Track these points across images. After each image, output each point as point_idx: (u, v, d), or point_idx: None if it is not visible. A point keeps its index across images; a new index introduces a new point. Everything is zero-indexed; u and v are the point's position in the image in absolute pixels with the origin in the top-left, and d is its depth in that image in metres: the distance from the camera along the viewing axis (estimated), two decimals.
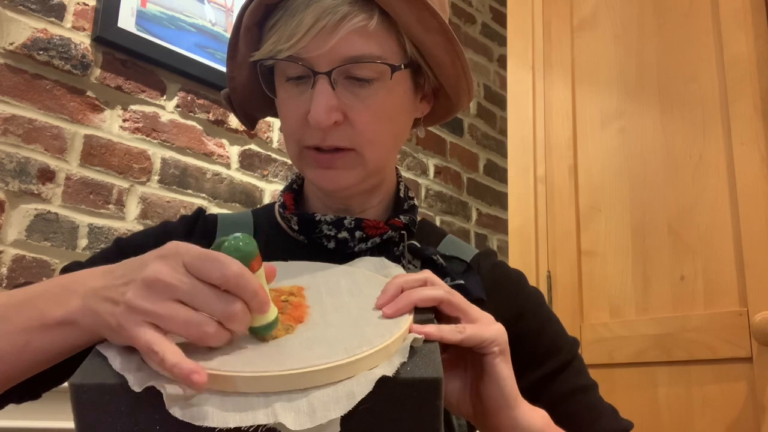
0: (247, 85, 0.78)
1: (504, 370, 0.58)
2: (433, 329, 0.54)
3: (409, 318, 0.54)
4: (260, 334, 0.50)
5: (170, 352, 0.45)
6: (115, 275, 0.51)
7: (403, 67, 0.72)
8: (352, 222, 0.76)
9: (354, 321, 0.53)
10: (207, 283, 0.47)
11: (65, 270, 0.76)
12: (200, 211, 0.84)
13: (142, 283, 0.47)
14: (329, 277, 0.62)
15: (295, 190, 0.83)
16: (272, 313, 0.50)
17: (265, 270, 0.51)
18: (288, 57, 0.69)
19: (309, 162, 0.74)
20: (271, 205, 0.87)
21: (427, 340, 0.53)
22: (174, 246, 0.49)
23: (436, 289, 0.58)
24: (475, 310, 0.59)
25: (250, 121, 0.84)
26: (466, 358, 0.61)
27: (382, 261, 0.66)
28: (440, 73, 0.76)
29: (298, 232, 0.78)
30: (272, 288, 0.58)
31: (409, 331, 0.53)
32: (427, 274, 0.60)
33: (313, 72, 0.69)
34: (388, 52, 0.70)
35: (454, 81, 0.77)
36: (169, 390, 0.44)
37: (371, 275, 0.63)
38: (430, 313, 0.57)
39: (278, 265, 0.64)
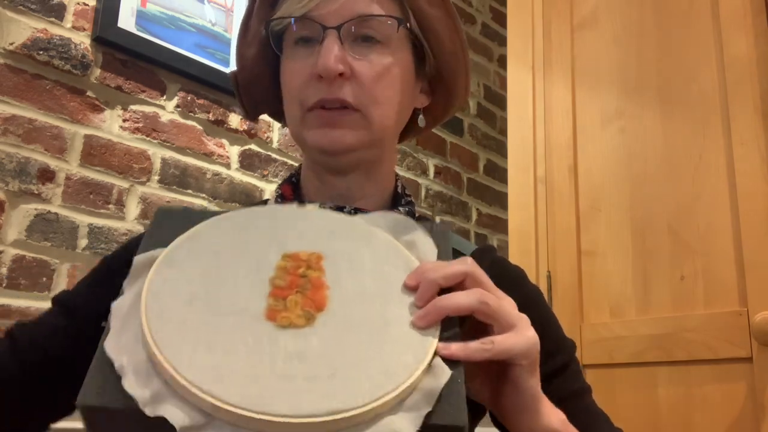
0: (255, 64, 0.79)
1: (527, 381, 0.56)
2: (458, 349, 0.50)
3: (435, 336, 0.50)
4: None
5: None
6: None
7: (408, 26, 0.74)
8: (351, 211, 0.75)
9: (376, 326, 0.49)
10: None
11: (55, 301, 0.75)
12: None
13: None
14: (349, 243, 0.56)
15: (294, 183, 0.83)
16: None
17: None
18: (300, 17, 0.72)
19: (312, 123, 0.73)
20: (262, 203, 0.86)
21: (451, 361, 0.49)
22: None
23: (469, 295, 0.52)
24: (511, 315, 0.54)
25: (252, 108, 0.84)
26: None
27: (407, 222, 0.60)
28: (439, 51, 0.77)
29: None
30: (287, 254, 0.54)
31: (435, 353, 0.49)
32: (466, 267, 0.54)
33: (323, 27, 0.71)
34: (392, 14, 0.73)
35: (453, 61, 0.78)
36: (180, 421, 0.42)
37: (394, 246, 0.57)
38: (455, 320, 0.53)
39: (292, 214, 0.59)
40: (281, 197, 0.80)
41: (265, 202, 0.87)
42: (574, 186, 1.89)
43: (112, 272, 0.73)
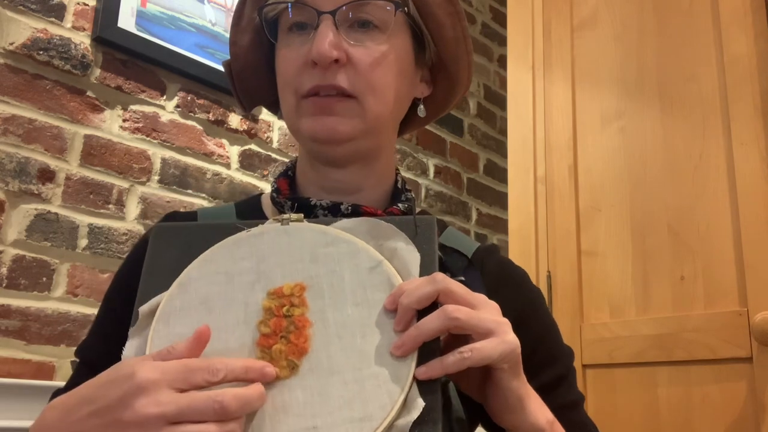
0: (249, 52, 0.77)
1: (510, 382, 0.56)
2: (436, 368, 0.52)
3: (413, 360, 0.53)
4: None
5: (230, 394, 0.47)
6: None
7: (406, 11, 0.72)
8: (349, 207, 0.72)
9: (357, 364, 0.53)
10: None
11: (78, 356, 0.75)
12: (168, 216, 0.81)
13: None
14: (331, 265, 0.58)
15: (290, 177, 0.81)
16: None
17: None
18: (294, 2, 0.70)
19: (306, 111, 0.71)
20: (257, 197, 0.84)
21: (427, 384, 0.52)
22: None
23: (439, 317, 0.53)
24: (485, 322, 0.54)
25: (247, 99, 0.82)
26: None
27: (388, 229, 0.61)
28: (440, 38, 0.75)
29: None
30: (271, 291, 0.57)
31: (413, 381, 0.52)
32: (437, 285, 0.55)
33: (318, 12, 0.69)
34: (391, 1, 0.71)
35: (455, 48, 0.76)
36: None
37: (375, 262, 0.58)
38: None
39: (275, 238, 0.61)
40: (277, 191, 0.78)
41: (254, 197, 0.85)
42: (574, 186, 1.89)
43: (120, 306, 0.72)
